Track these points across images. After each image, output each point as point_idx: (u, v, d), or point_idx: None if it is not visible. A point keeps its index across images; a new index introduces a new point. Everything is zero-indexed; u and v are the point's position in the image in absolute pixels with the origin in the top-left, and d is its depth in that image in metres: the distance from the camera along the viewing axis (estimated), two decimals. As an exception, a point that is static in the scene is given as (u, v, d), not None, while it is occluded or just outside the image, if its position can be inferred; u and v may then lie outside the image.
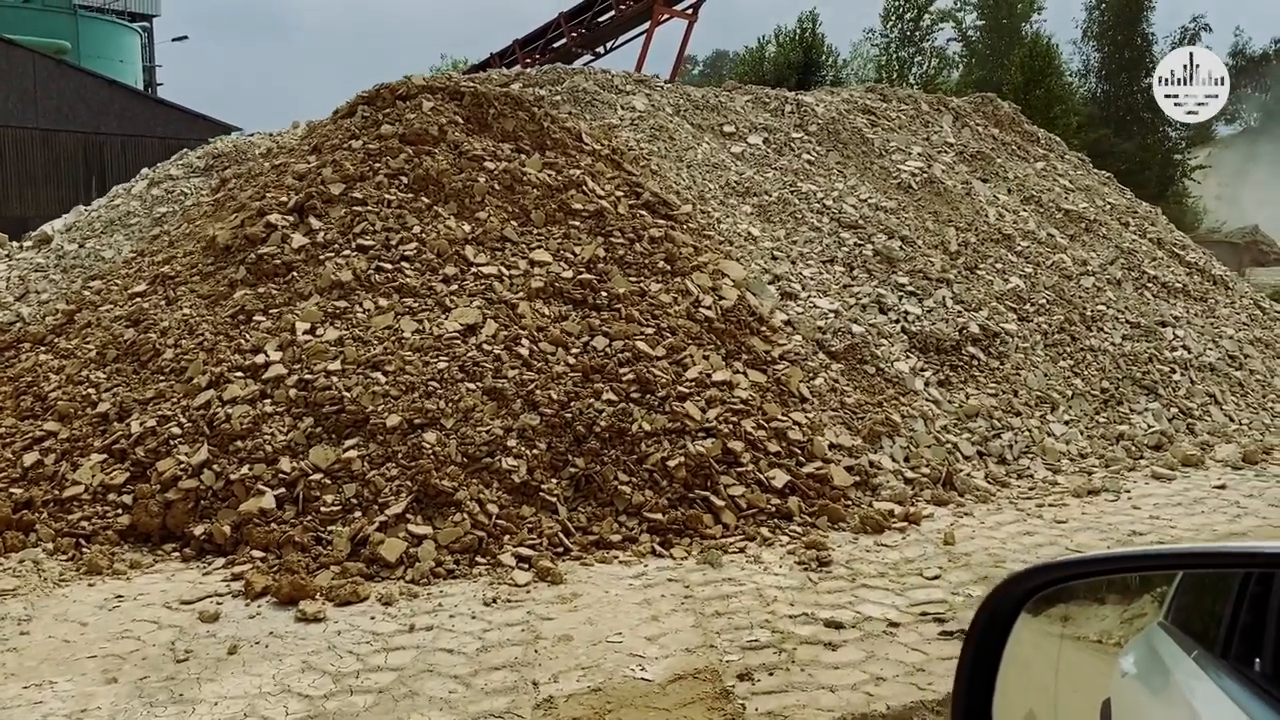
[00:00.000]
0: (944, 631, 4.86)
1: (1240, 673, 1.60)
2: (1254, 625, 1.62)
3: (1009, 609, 1.72)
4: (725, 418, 6.90)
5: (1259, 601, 1.62)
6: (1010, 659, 1.71)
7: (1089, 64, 46.58)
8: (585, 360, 6.96)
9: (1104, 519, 6.74)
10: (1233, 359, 10.22)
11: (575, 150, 8.87)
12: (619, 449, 6.50)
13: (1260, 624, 1.60)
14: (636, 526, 6.18)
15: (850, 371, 8.13)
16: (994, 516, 6.80)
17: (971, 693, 1.70)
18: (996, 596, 1.73)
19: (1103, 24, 43.50)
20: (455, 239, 7.66)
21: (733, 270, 8.47)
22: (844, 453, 7.25)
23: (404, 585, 5.43)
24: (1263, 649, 1.58)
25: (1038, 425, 8.32)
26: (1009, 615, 1.72)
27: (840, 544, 6.19)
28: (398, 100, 8.83)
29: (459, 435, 6.29)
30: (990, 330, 8.98)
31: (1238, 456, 8.32)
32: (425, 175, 8.09)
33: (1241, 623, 1.67)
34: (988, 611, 1.73)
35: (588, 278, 7.61)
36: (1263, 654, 1.57)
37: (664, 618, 5.02)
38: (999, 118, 13.08)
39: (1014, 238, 10.30)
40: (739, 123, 10.70)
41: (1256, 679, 1.55)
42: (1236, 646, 1.67)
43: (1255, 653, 1.59)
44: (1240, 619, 1.68)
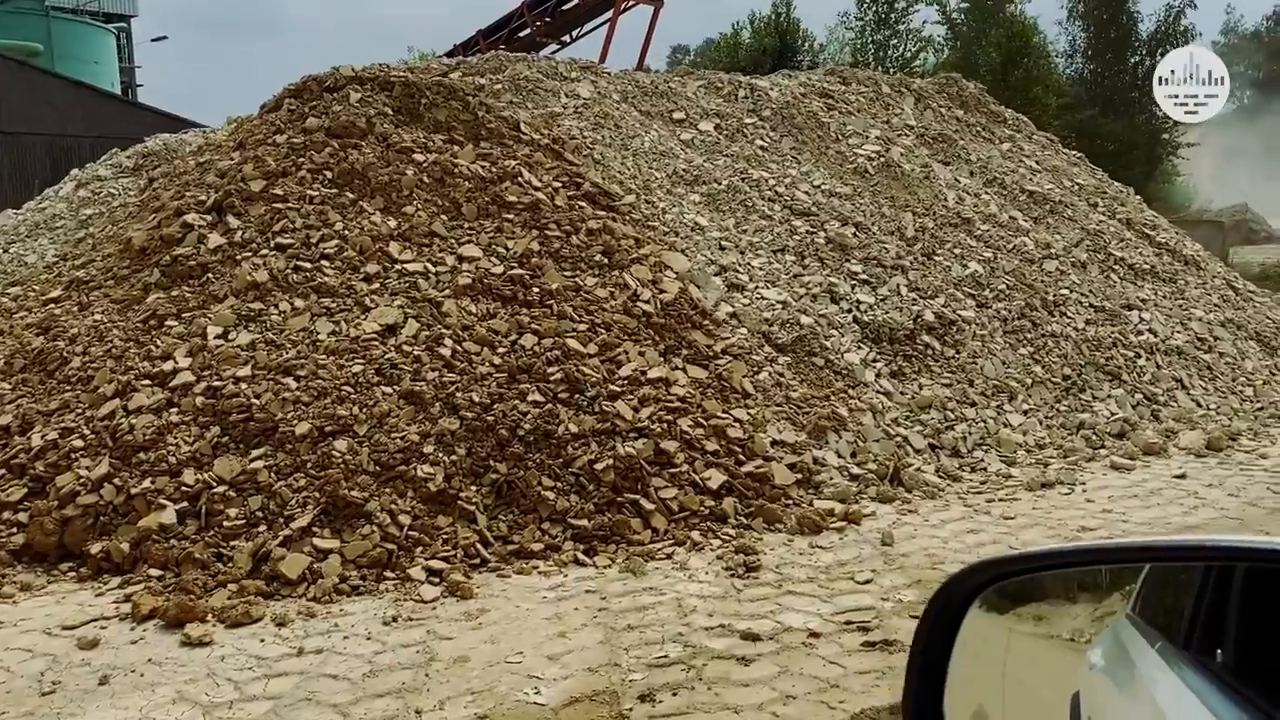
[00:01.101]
0: (866, 642, 4.57)
1: (1202, 665, 1.61)
2: (1215, 618, 1.64)
3: (958, 604, 1.70)
4: (659, 417, 6.60)
5: (1220, 594, 1.64)
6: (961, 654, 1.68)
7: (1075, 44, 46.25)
8: (512, 360, 6.65)
9: (1054, 514, 6.45)
10: (1202, 341, 9.92)
11: (512, 140, 8.55)
12: (544, 452, 6.20)
13: (1221, 617, 1.62)
14: (560, 534, 5.88)
15: (798, 364, 7.83)
16: (939, 514, 6.51)
17: (922, 689, 1.68)
18: (946, 592, 1.71)
19: (1087, 3, 43.17)
20: (379, 235, 7.34)
21: (676, 262, 8.16)
22: (787, 449, 6.95)
23: (304, 604, 5.13)
24: (1224, 641, 1.59)
25: (994, 415, 8.02)
26: (958, 610, 1.69)
27: (774, 546, 5.90)
28: (325, 92, 8.50)
29: (372, 442, 5.99)
30: (946, 318, 8.68)
31: (1202, 444, 8.03)
32: (350, 169, 7.77)
33: (1203, 615, 1.68)
34: (937, 607, 1.71)
35: (519, 273, 7.30)
36: (1224, 646, 1.58)
37: (572, 633, 4.73)
38: (964, 99, 12.75)
39: (974, 221, 9.99)
40: (689, 109, 10.37)
41: (1217, 670, 1.56)
42: (1198, 639, 1.67)
43: (1216, 645, 1.60)
44: (1202, 612, 1.69)
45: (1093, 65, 45.32)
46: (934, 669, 1.68)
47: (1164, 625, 1.85)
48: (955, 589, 1.71)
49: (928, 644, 1.69)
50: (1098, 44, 44.86)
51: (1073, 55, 46.35)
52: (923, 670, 1.68)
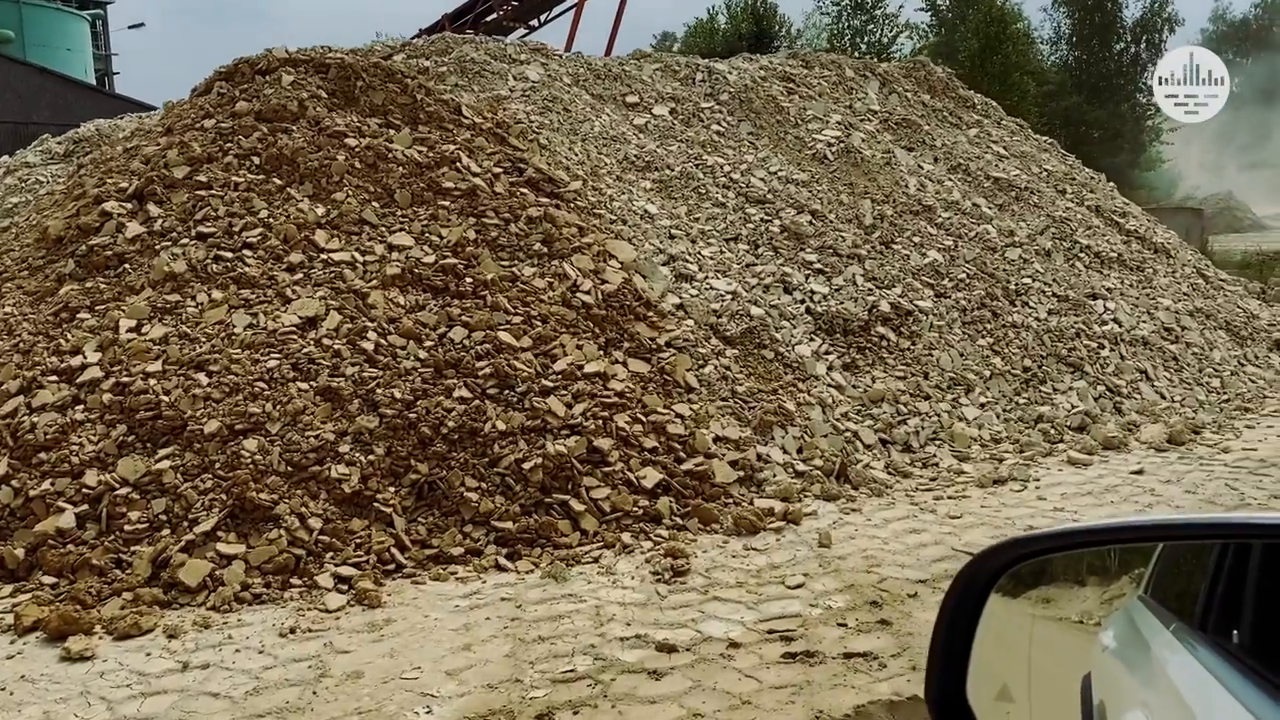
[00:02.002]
0: (787, 654, 4.31)
1: (1218, 645, 1.59)
2: (1231, 597, 1.62)
3: (981, 585, 1.67)
4: (594, 413, 6.32)
5: (1236, 573, 1.61)
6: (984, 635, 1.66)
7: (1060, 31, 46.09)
8: (439, 354, 6.36)
9: (1003, 512, 6.20)
10: (1168, 331, 9.69)
11: (452, 124, 8.23)
12: (469, 451, 5.91)
13: (1237, 596, 1.59)
14: (483, 537, 5.61)
15: (746, 357, 7.56)
16: (884, 512, 6.25)
17: (946, 669, 1.66)
18: (969, 572, 1.68)
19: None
20: (306, 223, 7.03)
21: (621, 251, 7.87)
22: (730, 446, 6.68)
23: (202, 614, 4.84)
24: (1240, 621, 1.57)
25: (949, 409, 7.77)
26: (981, 591, 1.67)
27: (707, 549, 5.64)
28: (257, 75, 8.17)
29: (284, 441, 5.69)
30: (903, 309, 8.41)
31: (1163, 437, 7.79)
32: (279, 155, 7.45)
33: (1219, 595, 1.67)
34: (960, 588, 1.68)
35: (452, 262, 7.00)
36: (1240, 626, 1.56)
37: (478, 646, 4.46)
38: (932, 83, 12.46)
39: (935, 209, 9.72)
40: (644, 93, 10.06)
41: (1234, 650, 1.53)
42: (1214, 619, 1.66)
43: (1233, 625, 1.58)
44: (1218, 591, 1.68)
45: (1077, 52, 45.19)
46: (957, 650, 1.65)
47: (1178, 606, 1.83)
48: (978, 570, 1.68)
49: (951, 625, 1.66)
50: (1082, 30, 44.73)
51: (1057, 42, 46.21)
52: (945, 651, 1.66)
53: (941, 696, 1.67)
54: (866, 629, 4.54)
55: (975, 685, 1.66)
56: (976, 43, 26.11)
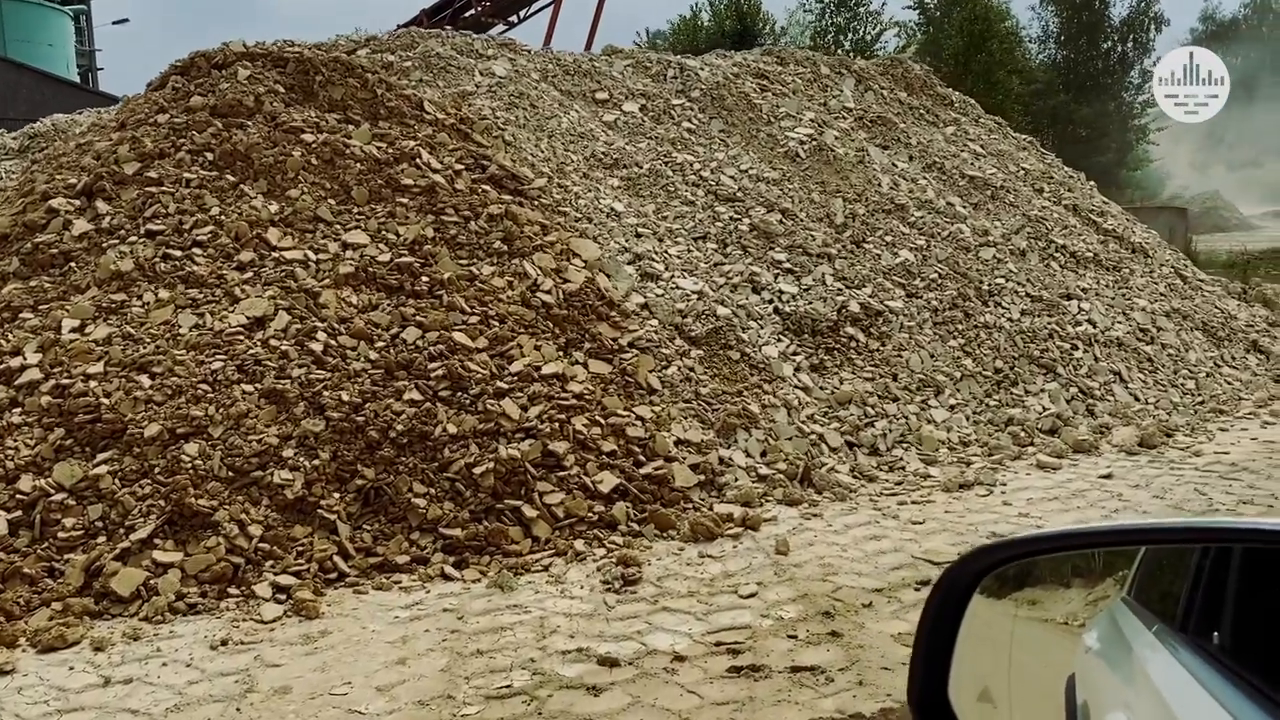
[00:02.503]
0: (733, 667, 4.17)
1: (1199, 646, 1.60)
2: (1212, 599, 1.63)
3: (963, 588, 1.69)
4: (550, 415, 6.17)
5: (1217, 576, 1.63)
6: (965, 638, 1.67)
7: (1048, 29, 46.09)
8: (391, 355, 6.19)
9: (967, 518, 6.07)
10: (1143, 332, 9.58)
11: (414, 120, 8.06)
12: (418, 456, 5.76)
13: (1219, 598, 1.61)
14: (430, 545, 5.45)
15: (711, 358, 7.41)
16: (845, 517, 6.11)
17: (929, 670, 1.67)
18: (950, 575, 1.70)
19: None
20: (259, 220, 6.86)
21: (585, 250, 7.72)
22: (691, 449, 6.54)
23: (133, 624, 4.68)
24: (1220, 623, 1.58)
25: (917, 411, 7.64)
26: (963, 594, 1.68)
27: (661, 556, 5.49)
28: (214, 69, 7.99)
29: (226, 446, 5.53)
30: (872, 309, 8.28)
31: (1134, 440, 7.67)
32: (233, 150, 7.28)
33: (1200, 597, 1.68)
34: (942, 591, 1.70)
35: (408, 261, 6.83)
36: (1221, 627, 1.58)
37: (414, 659, 4.30)
38: (909, 80, 12.32)
39: (908, 208, 9.58)
40: (614, 89, 9.90)
41: (1214, 652, 1.55)
42: (1195, 620, 1.67)
43: (1214, 626, 1.59)
44: (1199, 593, 1.69)
45: (1065, 51, 45.17)
46: (939, 652, 1.66)
47: (1160, 608, 1.85)
48: (960, 572, 1.69)
49: (934, 627, 1.67)
50: (1070, 29, 44.72)
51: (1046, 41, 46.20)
52: (928, 653, 1.67)
53: (924, 698, 1.68)
54: (816, 641, 4.40)
55: (958, 686, 1.67)
56: (961, 40, 26.01)
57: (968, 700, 1.72)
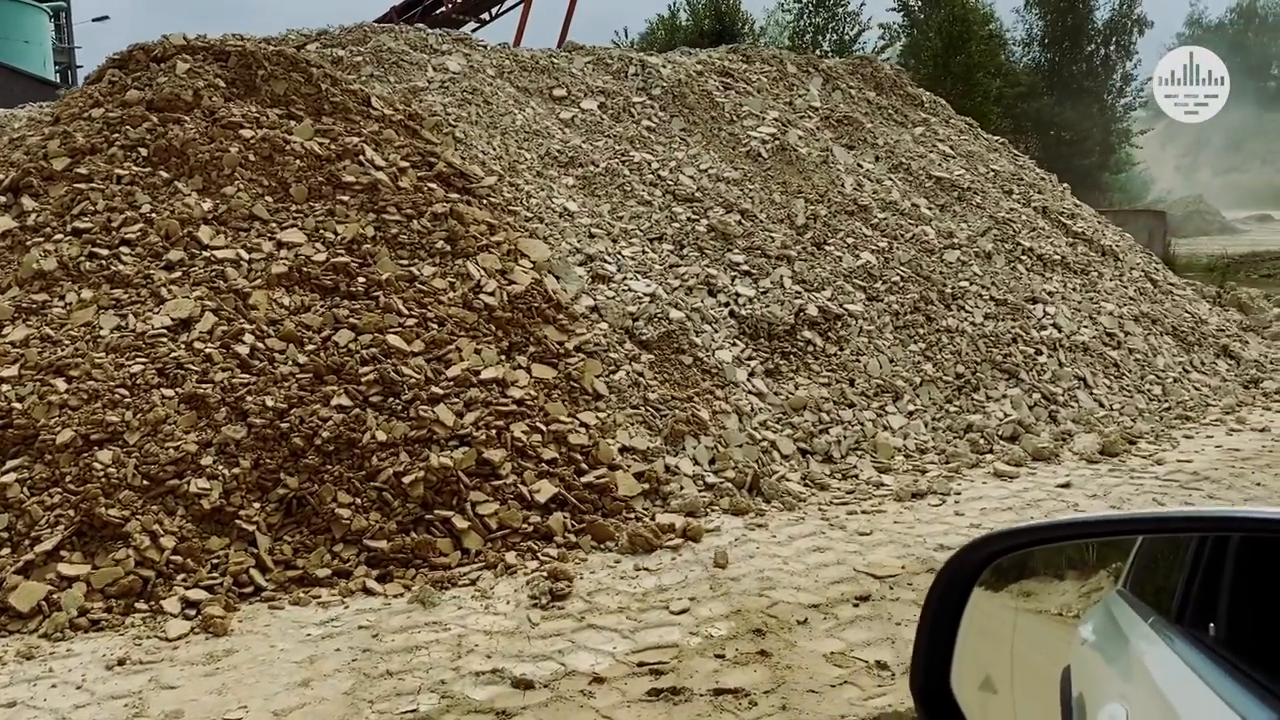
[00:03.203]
0: (653, 690, 3.96)
1: (1195, 638, 1.61)
2: (1208, 591, 1.64)
3: (965, 578, 1.70)
4: (487, 422, 5.95)
5: (1213, 567, 1.64)
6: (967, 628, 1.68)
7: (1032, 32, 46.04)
8: (321, 359, 5.97)
9: (916, 529, 5.88)
10: (1110, 337, 9.41)
11: (360, 116, 7.84)
12: (344, 464, 5.53)
13: (1214, 589, 1.62)
14: (353, 558, 5.23)
15: (662, 362, 7.21)
16: (791, 528, 5.91)
17: (930, 659, 1.68)
18: (953, 564, 1.71)
19: (1045, -9, 42.96)
20: (191, 218, 6.62)
21: (534, 250, 7.51)
22: (636, 457, 6.34)
23: (30, 641, 4.45)
24: (1216, 614, 1.59)
25: (873, 418, 7.45)
26: (965, 584, 1.70)
27: (596, 569, 5.28)
28: (153, 62, 7.74)
29: (141, 453, 5.29)
30: (831, 312, 8.09)
31: (1096, 448, 7.49)
32: (168, 146, 7.04)
33: (1196, 588, 1.68)
34: (945, 579, 1.71)
35: (344, 261, 6.61)
36: (1216, 619, 1.58)
37: (318, 681, 4.08)
38: (879, 80, 12.15)
39: (871, 209, 9.40)
40: (572, 86, 9.69)
41: (1210, 643, 1.56)
42: (1191, 612, 1.68)
43: (1210, 618, 1.60)
44: (1195, 585, 1.69)
45: (1049, 54, 45.13)
46: (942, 641, 1.67)
47: (1156, 599, 1.86)
48: (963, 561, 1.70)
49: (936, 616, 1.68)
50: (1054, 32, 44.68)
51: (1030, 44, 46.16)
52: (931, 642, 1.68)
53: (927, 685, 1.69)
54: (744, 661, 4.19)
55: (959, 676, 1.67)
56: (940, 41, 25.88)
57: (969, 689, 1.73)
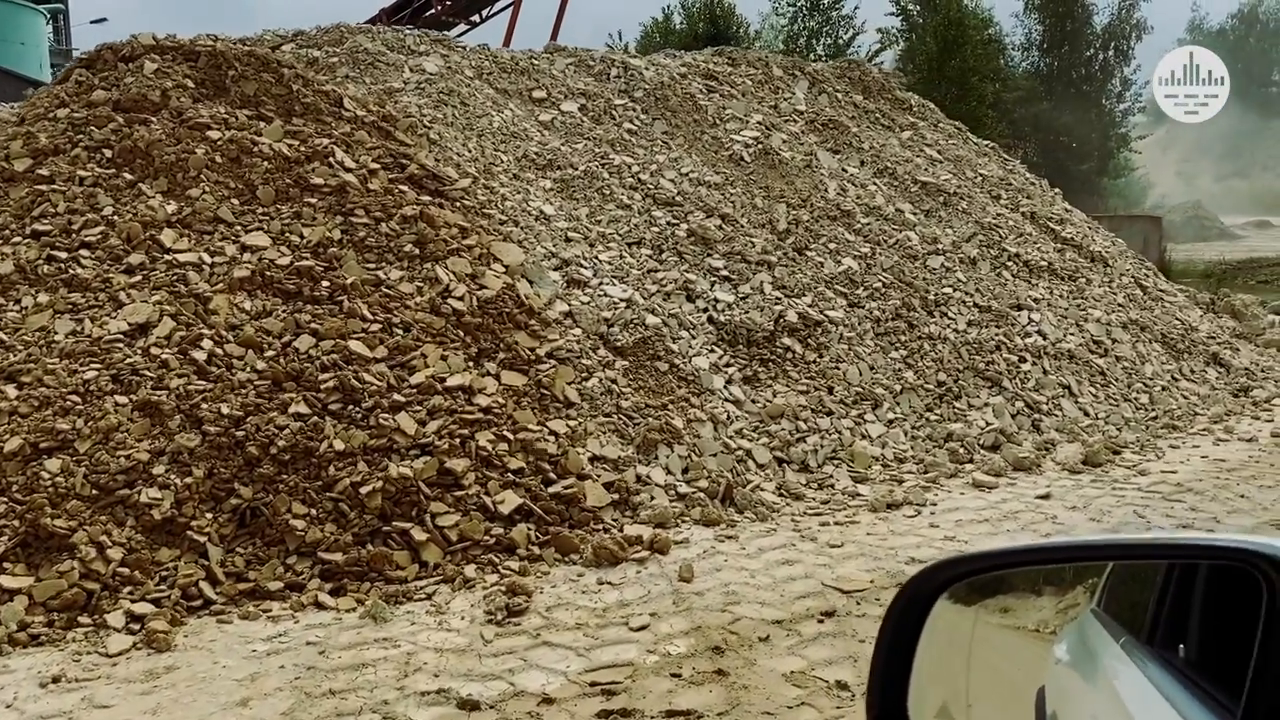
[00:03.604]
0: (603, 711, 3.82)
1: (1164, 659, 1.61)
2: (1179, 612, 1.65)
3: (923, 601, 1.67)
4: (451, 430, 5.81)
5: (1183, 590, 1.65)
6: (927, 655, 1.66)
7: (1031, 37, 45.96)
8: (281, 365, 5.83)
9: (889, 541, 5.73)
10: (1097, 344, 9.27)
11: (331, 117, 7.71)
12: (300, 473, 5.39)
13: (1184, 611, 1.63)
14: (307, 570, 5.09)
15: (637, 369, 7.07)
16: (761, 539, 5.77)
17: (886, 686, 1.66)
18: (912, 586, 1.69)
19: (1044, -5, 42.91)
20: (154, 221, 6.49)
21: (507, 254, 7.37)
22: (607, 466, 6.20)
23: (-34, 658, 4.31)
24: (1187, 636, 1.60)
25: (852, 426, 7.32)
26: (923, 607, 1.67)
27: (557, 583, 5.14)
28: (121, 62, 7.62)
29: (92, 461, 5.16)
30: (811, 319, 7.95)
31: (1078, 458, 7.36)
32: (133, 147, 6.91)
33: (1167, 609, 1.69)
34: (902, 604, 1.69)
35: (309, 264, 6.48)
36: (1186, 641, 1.59)
37: (258, 701, 3.94)
38: (866, 83, 12.02)
39: (854, 214, 9.27)
40: (553, 88, 9.56)
41: (1179, 665, 1.56)
42: (1161, 634, 1.68)
43: (1179, 640, 1.60)
44: (1166, 605, 1.70)
45: (1048, 58, 45.03)
46: (898, 665, 1.66)
47: (1128, 620, 1.86)
48: (920, 586, 1.70)
49: (893, 640, 1.68)
50: (1053, 37, 44.60)
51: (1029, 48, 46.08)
52: (887, 666, 1.67)
53: (882, 711, 1.67)
54: (700, 681, 4.06)
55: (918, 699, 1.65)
56: (935, 45, 25.77)
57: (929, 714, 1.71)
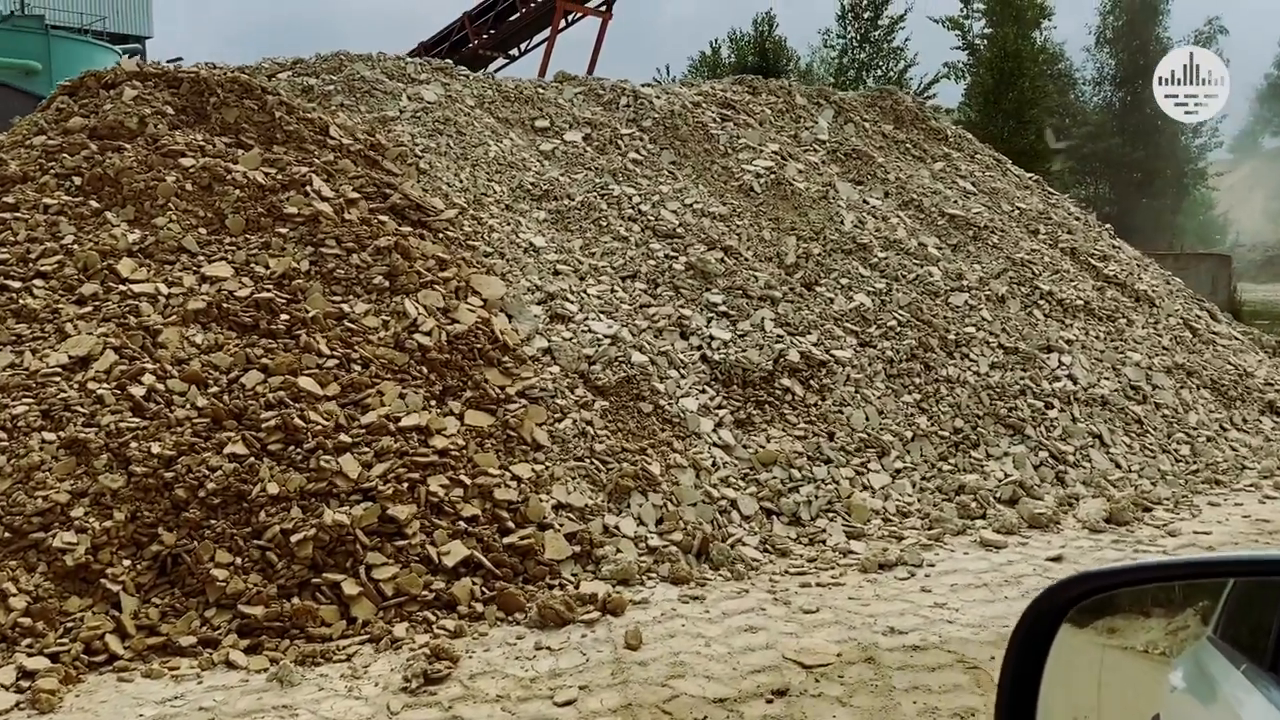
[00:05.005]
0: (492, 807, 3.36)
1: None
2: None
3: (1050, 619, 1.66)
4: (399, 474, 5.43)
5: None
6: (1054, 670, 1.65)
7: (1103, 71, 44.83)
8: (223, 402, 5.52)
9: (871, 607, 5.18)
10: (1134, 390, 8.58)
11: (315, 145, 7.46)
12: (230, 519, 5.05)
13: None
14: (225, 624, 4.73)
15: (618, 410, 6.64)
16: (730, 601, 5.26)
17: (1015, 704, 1.64)
18: (1038, 606, 1.67)
19: (1116, 29, 41.85)
20: (114, 250, 6.28)
21: (487, 287, 7.02)
22: (572, 515, 5.76)
23: None
24: None
25: (852, 475, 6.77)
26: (1050, 625, 1.66)
27: (491, 646, 4.70)
28: (103, 89, 7.49)
29: (9, 502, 4.87)
30: (815, 358, 7.44)
31: (1101, 516, 6.70)
32: (103, 175, 6.73)
33: None
34: (1029, 622, 1.67)
35: (269, 296, 6.18)
36: None
37: (120, 777, 3.56)
38: (899, 113, 11.50)
39: (872, 247, 8.74)
40: (557, 117, 9.24)
41: None
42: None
43: None
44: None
45: (1120, 93, 43.82)
46: (1026, 683, 1.63)
47: (1249, 645, 1.79)
48: (1048, 603, 1.67)
49: (1020, 658, 1.65)
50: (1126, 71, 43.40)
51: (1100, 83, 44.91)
52: (1014, 686, 1.64)
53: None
54: (613, 772, 3.57)
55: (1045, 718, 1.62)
56: (990, 78, 25.09)
57: None
